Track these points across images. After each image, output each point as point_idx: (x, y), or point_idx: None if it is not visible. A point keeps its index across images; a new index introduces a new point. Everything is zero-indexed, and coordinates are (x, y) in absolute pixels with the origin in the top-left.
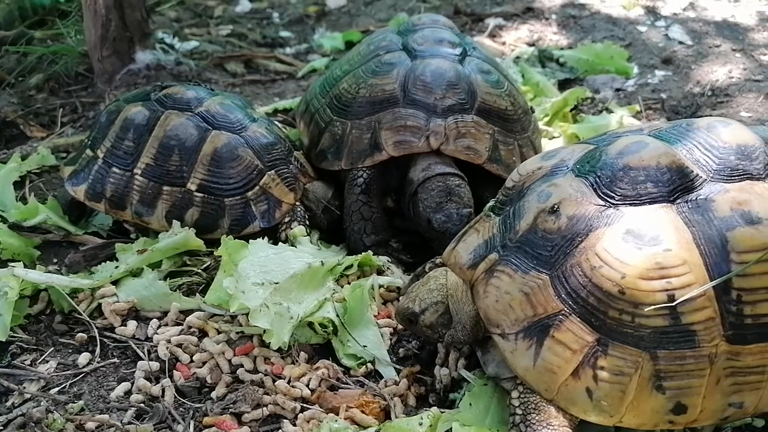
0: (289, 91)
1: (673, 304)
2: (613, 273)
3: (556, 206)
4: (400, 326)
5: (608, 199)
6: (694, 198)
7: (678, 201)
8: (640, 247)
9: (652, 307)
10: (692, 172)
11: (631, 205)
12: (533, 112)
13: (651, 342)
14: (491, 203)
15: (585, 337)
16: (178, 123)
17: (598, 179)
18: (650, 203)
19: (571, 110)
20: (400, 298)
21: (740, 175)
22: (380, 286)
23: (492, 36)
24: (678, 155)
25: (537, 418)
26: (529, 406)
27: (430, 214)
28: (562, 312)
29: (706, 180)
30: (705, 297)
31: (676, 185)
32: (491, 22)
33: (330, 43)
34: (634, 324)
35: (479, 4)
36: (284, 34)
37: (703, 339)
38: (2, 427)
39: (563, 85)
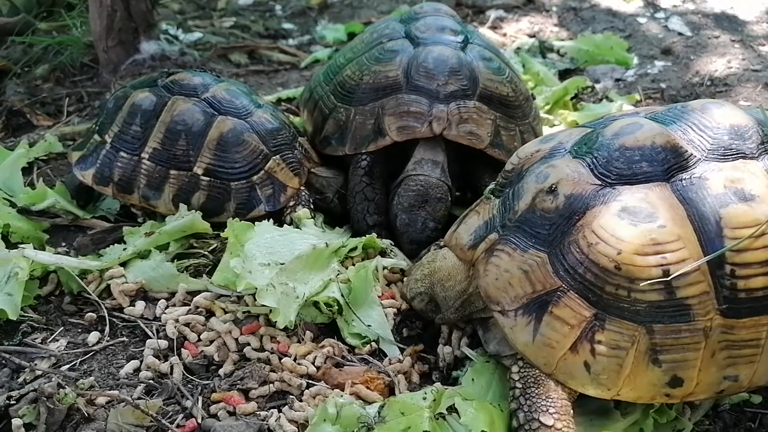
0: (292, 81)
1: (668, 278)
2: (609, 249)
3: (554, 186)
4: (404, 306)
5: (605, 178)
6: (688, 176)
7: (673, 179)
8: (635, 224)
9: (648, 281)
10: (686, 151)
11: (626, 183)
12: (534, 99)
13: (647, 316)
14: (491, 186)
15: (582, 313)
16: (185, 108)
17: (594, 160)
18: (645, 182)
19: (572, 99)
20: (405, 278)
21: (734, 155)
22: (384, 268)
23: (493, 28)
24: (672, 135)
25: (536, 391)
26: (529, 380)
27: (398, 212)
28: (560, 288)
29: (700, 159)
30: (699, 272)
31: (671, 164)
32: (492, 14)
33: (332, 35)
34: (630, 299)
35: None
36: (287, 26)
37: (697, 313)
38: (15, 402)
39: (564, 75)
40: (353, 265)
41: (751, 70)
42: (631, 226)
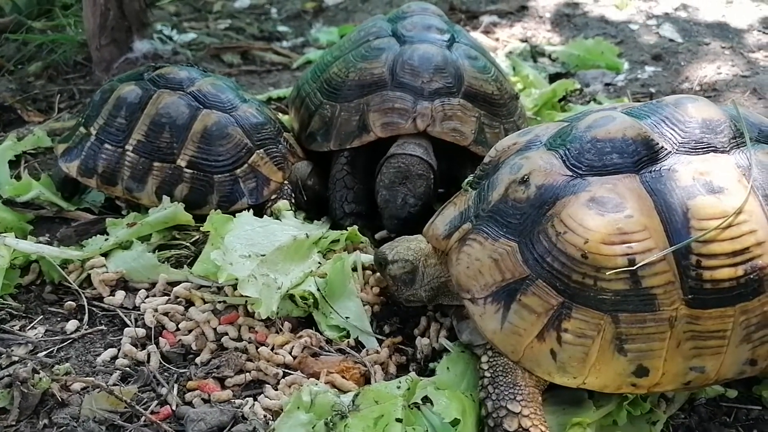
0: (284, 82)
1: (633, 268)
2: (576, 238)
3: (526, 177)
4: (383, 299)
5: (576, 169)
6: (658, 168)
7: (642, 171)
8: (602, 214)
9: (613, 270)
10: (657, 144)
11: (597, 175)
12: (518, 98)
13: (612, 305)
14: (469, 178)
15: (550, 301)
16: (170, 101)
17: (567, 152)
18: (615, 173)
19: (560, 101)
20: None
21: (704, 148)
22: (363, 266)
23: (486, 32)
24: (644, 128)
25: (504, 380)
26: (497, 369)
27: (380, 189)
28: (529, 277)
29: (671, 152)
30: (665, 262)
31: (641, 156)
32: (486, 19)
33: (326, 38)
34: (597, 287)
35: (474, 2)
36: (282, 28)
37: (663, 302)
38: None
39: (554, 79)
40: None
41: (740, 75)
42: (598, 215)
